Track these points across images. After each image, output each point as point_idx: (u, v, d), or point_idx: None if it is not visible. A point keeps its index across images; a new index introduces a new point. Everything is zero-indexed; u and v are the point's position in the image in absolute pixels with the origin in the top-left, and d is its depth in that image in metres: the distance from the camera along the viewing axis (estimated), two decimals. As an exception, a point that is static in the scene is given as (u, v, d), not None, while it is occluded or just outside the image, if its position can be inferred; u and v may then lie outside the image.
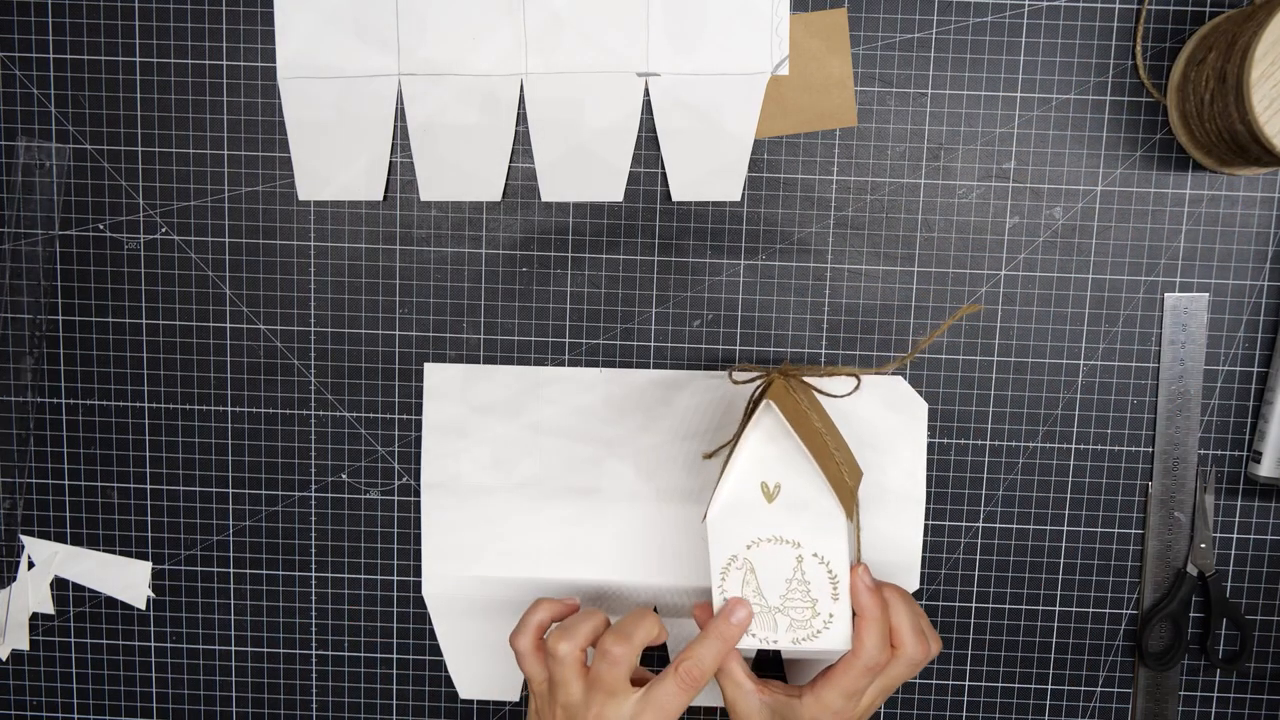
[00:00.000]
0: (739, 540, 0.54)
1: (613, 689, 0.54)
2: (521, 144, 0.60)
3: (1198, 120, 0.56)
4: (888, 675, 0.54)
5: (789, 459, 0.54)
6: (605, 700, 0.54)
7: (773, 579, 0.54)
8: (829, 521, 0.53)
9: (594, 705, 0.54)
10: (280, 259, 0.62)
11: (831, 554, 0.53)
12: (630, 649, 0.54)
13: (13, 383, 0.63)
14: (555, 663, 0.55)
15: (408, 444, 0.63)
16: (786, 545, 0.54)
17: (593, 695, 0.54)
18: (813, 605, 0.54)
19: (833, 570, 0.53)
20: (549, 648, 0.55)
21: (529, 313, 0.62)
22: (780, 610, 0.54)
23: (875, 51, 0.59)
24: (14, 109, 0.61)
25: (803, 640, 0.54)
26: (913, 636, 0.54)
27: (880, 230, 0.61)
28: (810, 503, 0.53)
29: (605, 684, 0.54)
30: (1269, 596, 0.63)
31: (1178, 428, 0.61)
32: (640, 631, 0.55)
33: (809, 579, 0.54)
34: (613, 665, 0.54)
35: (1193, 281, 0.60)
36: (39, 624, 0.65)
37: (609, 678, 0.54)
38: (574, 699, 0.55)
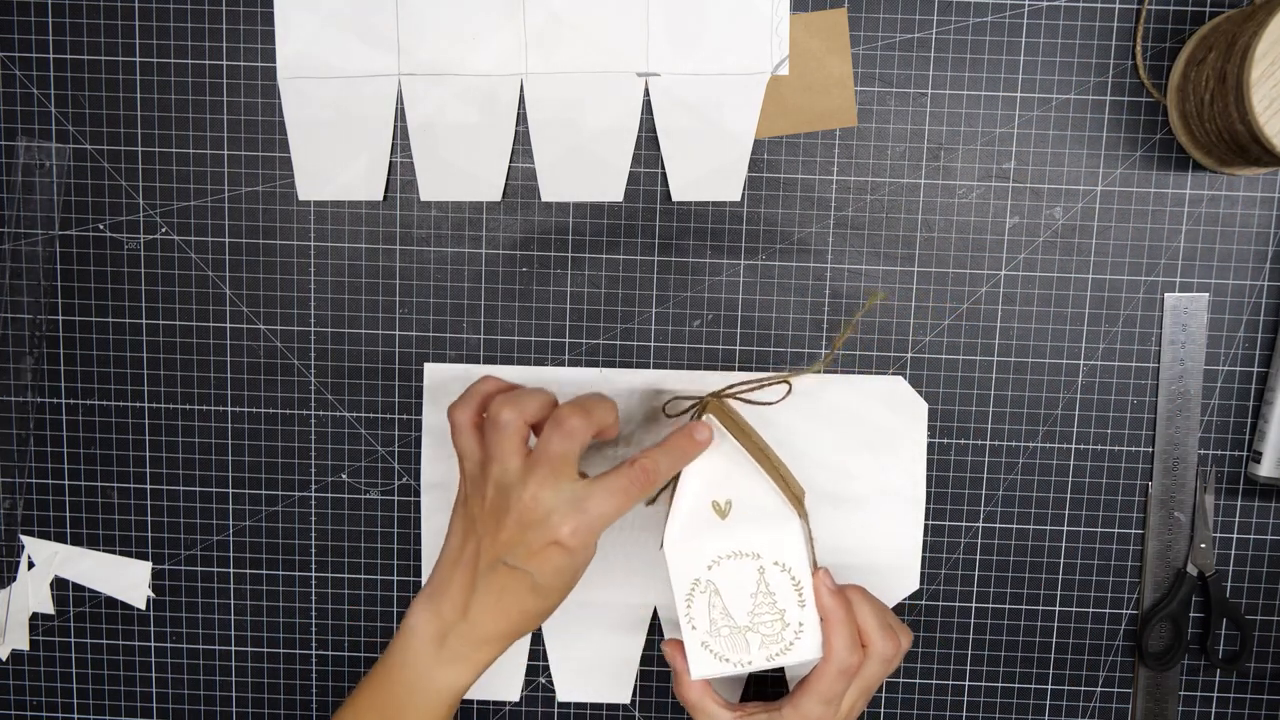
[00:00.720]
0: (699, 563, 0.54)
1: (557, 467, 0.49)
2: (521, 144, 0.60)
3: (1198, 120, 0.56)
4: (863, 676, 0.54)
5: (735, 474, 0.54)
6: (546, 479, 0.49)
7: (738, 596, 0.54)
8: (785, 526, 0.53)
9: (531, 483, 0.49)
10: (280, 259, 0.62)
11: (792, 559, 0.53)
12: (587, 423, 0.50)
13: (13, 383, 0.63)
14: (496, 431, 0.50)
15: (408, 444, 0.63)
16: (747, 558, 0.53)
17: (532, 472, 0.49)
18: (781, 616, 0.54)
19: (795, 576, 0.54)
20: (491, 414, 0.50)
21: (529, 313, 0.62)
22: (750, 628, 0.54)
23: (875, 51, 0.59)
24: (14, 109, 0.61)
25: (776, 656, 0.54)
26: (880, 633, 0.54)
27: (880, 230, 0.61)
28: (763, 511, 0.54)
29: (551, 459, 0.49)
30: (1269, 596, 0.63)
31: (1178, 428, 0.61)
32: (599, 410, 0.51)
33: (774, 590, 0.54)
34: (566, 437, 0.49)
35: (1193, 281, 0.60)
36: (39, 624, 0.65)
37: (557, 452, 0.49)
38: (510, 475, 0.49)
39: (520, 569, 0.50)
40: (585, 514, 0.49)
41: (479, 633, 0.52)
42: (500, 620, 0.51)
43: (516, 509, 0.49)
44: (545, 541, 0.49)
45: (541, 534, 0.49)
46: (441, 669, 0.52)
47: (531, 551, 0.50)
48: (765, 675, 0.64)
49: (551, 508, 0.49)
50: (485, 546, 0.51)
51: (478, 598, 0.51)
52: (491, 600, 0.51)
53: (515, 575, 0.50)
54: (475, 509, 0.51)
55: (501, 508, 0.50)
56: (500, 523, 0.50)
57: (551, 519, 0.49)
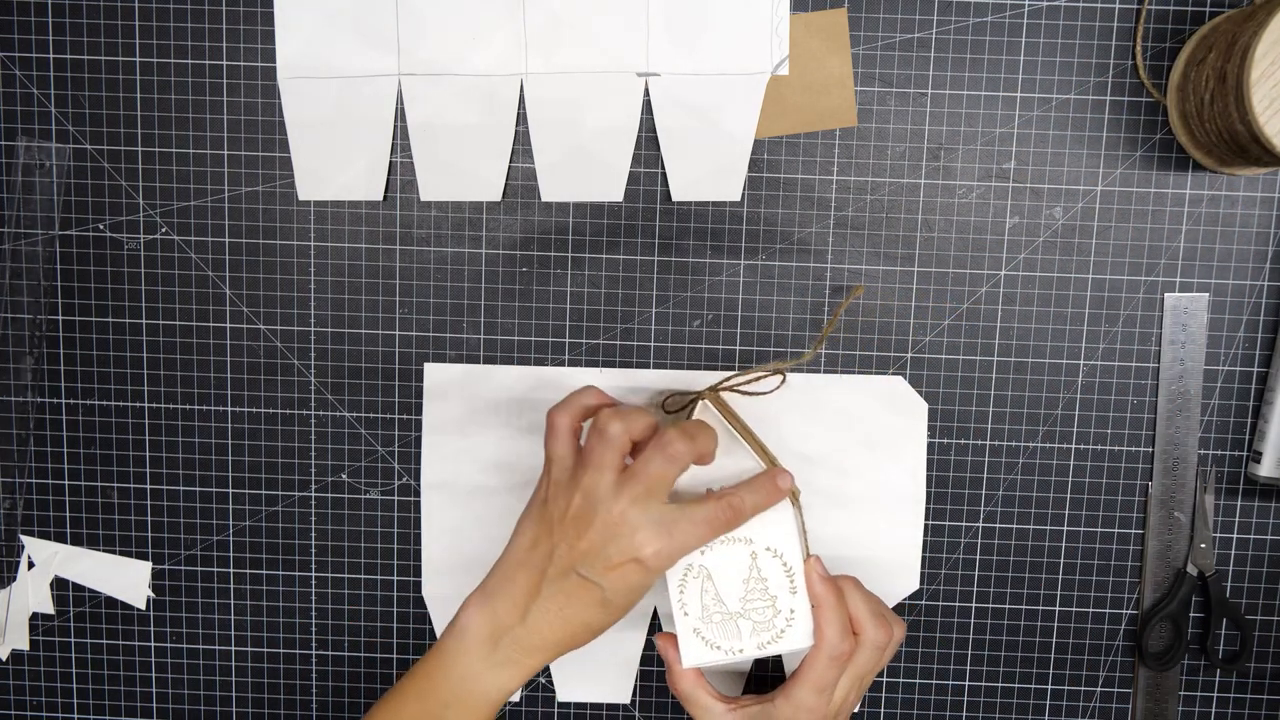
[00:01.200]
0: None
1: (653, 487, 0.50)
2: (521, 144, 0.60)
3: (1198, 120, 0.56)
4: (856, 665, 0.54)
5: (729, 462, 0.55)
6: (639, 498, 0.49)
7: (730, 582, 0.54)
8: (776, 512, 0.54)
9: (623, 499, 0.49)
10: (280, 259, 0.62)
11: (784, 545, 0.54)
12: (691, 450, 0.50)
13: (13, 383, 0.63)
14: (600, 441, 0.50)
15: (408, 444, 0.63)
16: (739, 544, 0.54)
17: (626, 488, 0.50)
18: (773, 603, 0.54)
19: (787, 563, 0.54)
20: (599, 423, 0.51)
21: (529, 313, 0.62)
22: (742, 615, 0.54)
23: (875, 51, 0.59)
24: (14, 109, 0.61)
25: (768, 644, 0.54)
26: (872, 620, 0.54)
27: (880, 230, 0.61)
28: None
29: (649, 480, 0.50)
30: (1269, 596, 0.63)
31: (1178, 428, 0.61)
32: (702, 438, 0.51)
33: (766, 575, 0.54)
34: (669, 461, 0.50)
35: (1193, 281, 0.60)
36: (39, 624, 0.65)
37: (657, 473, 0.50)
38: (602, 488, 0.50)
39: (593, 581, 0.50)
40: (671, 539, 0.50)
41: (534, 639, 0.51)
42: (559, 629, 0.51)
43: (603, 521, 0.50)
44: (626, 558, 0.49)
45: (624, 550, 0.49)
46: (491, 672, 0.52)
47: (609, 565, 0.50)
48: (765, 675, 0.64)
49: (638, 525, 0.49)
50: (560, 553, 0.50)
51: (541, 603, 0.51)
52: (555, 608, 0.51)
53: (586, 586, 0.50)
54: (555, 513, 0.51)
55: (586, 518, 0.50)
56: (582, 532, 0.50)
57: (637, 537, 0.49)
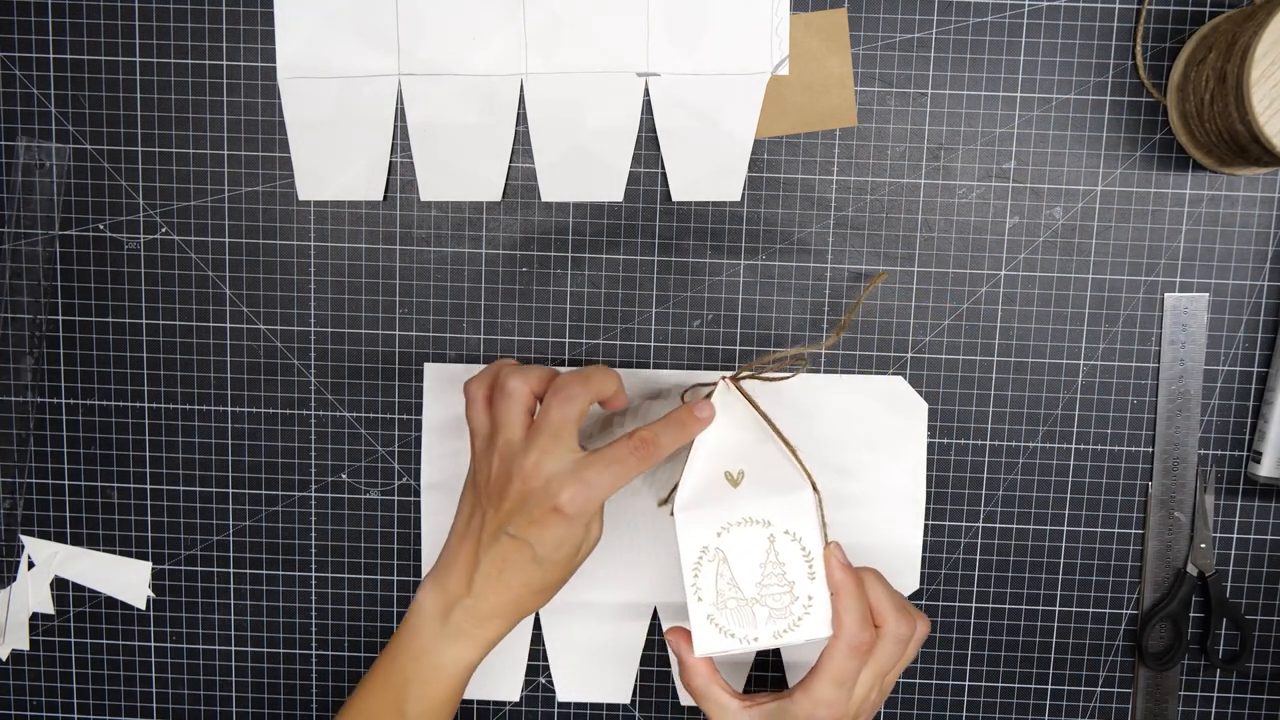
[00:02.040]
0: (709, 529, 0.53)
1: (557, 431, 0.50)
2: (521, 144, 0.60)
3: (1198, 120, 0.56)
4: (878, 659, 0.52)
5: (749, 444, 0.53)
6: (548, 445, 0.50)
7: (747, 566, 0.52)
8: (796, 496, 0.52)
9: (534, 451, 0.50)
10: (280, 259, 0.62)
11: (803, 530, 0.52)
12: (585, 390, 0.51)
13: (13, 383, 0.63)
14: (503, 398, 0.51)
15: (408, 444, 0.63)
16: (757, 526, 0.52)
17: (534, 439, 0.50)
18: (790, 588, 0.52)
19: (805, 547, 0.52)
20: (499, 383, 0.51)
21: (529, 313, 0.62)
22: (758, 600, 0.52)
23: (875, 51, 0.59)
24: (14, 109, 0.61)
25: (784, 632, 0.52)
26: (895, 612, 0.52)
27: (880, 230, 0.61)
28: (776, 480, 0.53)
29: (551, 424, 0.50)
30: (1269, 596, 0.63)
31: (1178, 428, 0.61)
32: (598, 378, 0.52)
33: (783, 560, 0.52)
34: (565, 402, 0.50)
35: (1193, 281, 0.60)
36: (39, 624, 0.65)
37: (557, 417, 0.50)
38: (514, 443, 0.51)
39: (521, 538, 0.51)
40: (584, 482, 0.50)
41: (483, 607, 0.52)
42: (503, 593, 0.52)
43: (519, 477, 0.50)
44: (545, 509, 0.50)
45: (541, 501, 0.50)
46: (447, 644, 0.53)
47: (532, 520, 0.50)
48: (765, 675, 0.64)
49: (550, 474, 0.50)
50: (489, 518, 0.51)
51: (481, 570, 0.52)
52: (494, 572, 0.51)
53: (517, 545, 0.51)
54: (481, 481, 0.52)
55: (505, 477, 0.51)
56: (504, 493, 0.51)
57: (550, 485, 0.50)
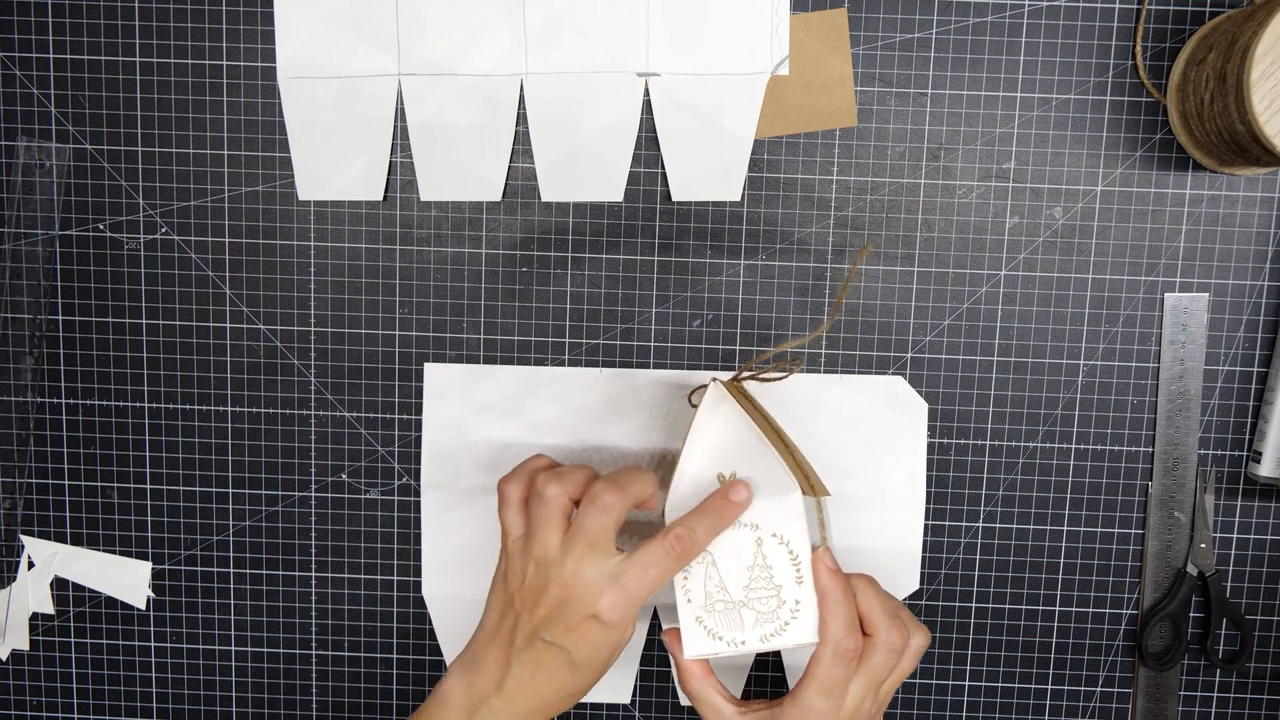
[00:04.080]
0: None
1: (595, 541, 0.50)
2: (521, 144, 0.60)
3: (1198, 120, 0.56)
4: (869, 667, 0.51)
5: (742, 449, 0.53)
6: (584, 554, 0.49)
7: (735, 569, 0.52)
8: (785, 499, 0.52)
9: (570, 559, 0.49)
10: (280, 259, 0.62)
11: (791, 533, 0.52)
12: (622, 498, 0.50)
13: (13, 383, 0.63)
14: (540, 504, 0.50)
15: (408, 444, 0.63)
16: (745, 528, 0.52)
17: (571, 547, 0.50)
18: (777, 593, 0.52)
19: (794, 551, 0.52)
20: (536, 488, 0.51)
21: (529, 313, 0.62)
22: (745, 604, 0.52)
23: (875, 51, 0.59)
24: (14, 109, 0.61)
25: (771, 636, 0.52)
26: (886, 620, 0.51)
27: (880, 230, 0.61)
28: (766, 483, 0.52)
29: (588, 534, 0.50)
30: (1269, 596, 0.63)
31: (1178, 428, 0.61)
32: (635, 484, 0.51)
33: (771, 563, 0.52)
34: (602, 512, 0.50)
35: (1193, 281, 0.60)
36: (39, 624, 0.65)
37: (594, 527, 0.50)
38: (550, 550, 0.50)
39: (557, 644, 0.50)
40: (623, 589, 0.49)
41: (513, 709, 0.51)
42: (534, 697, 0.51)
43: (556, 584, 0.50)
44: (583, 616, 0.49)
45: (579, 608, 0.49)
46: None
47: (569, 626, 0.50)
48: (765, 674, 0.64)
49: (589, 581, 0.49)
50: (523, 622, 0.51)
51: (513, 674, 0.51)
52: (527, 676, 0.51)
53: (552, 651, 0.50)
54: (514, 584, 0.51)
55: (541, 583, 0.50)
56: (539, 599, 0.50)
57: (589, 593, 0.49)
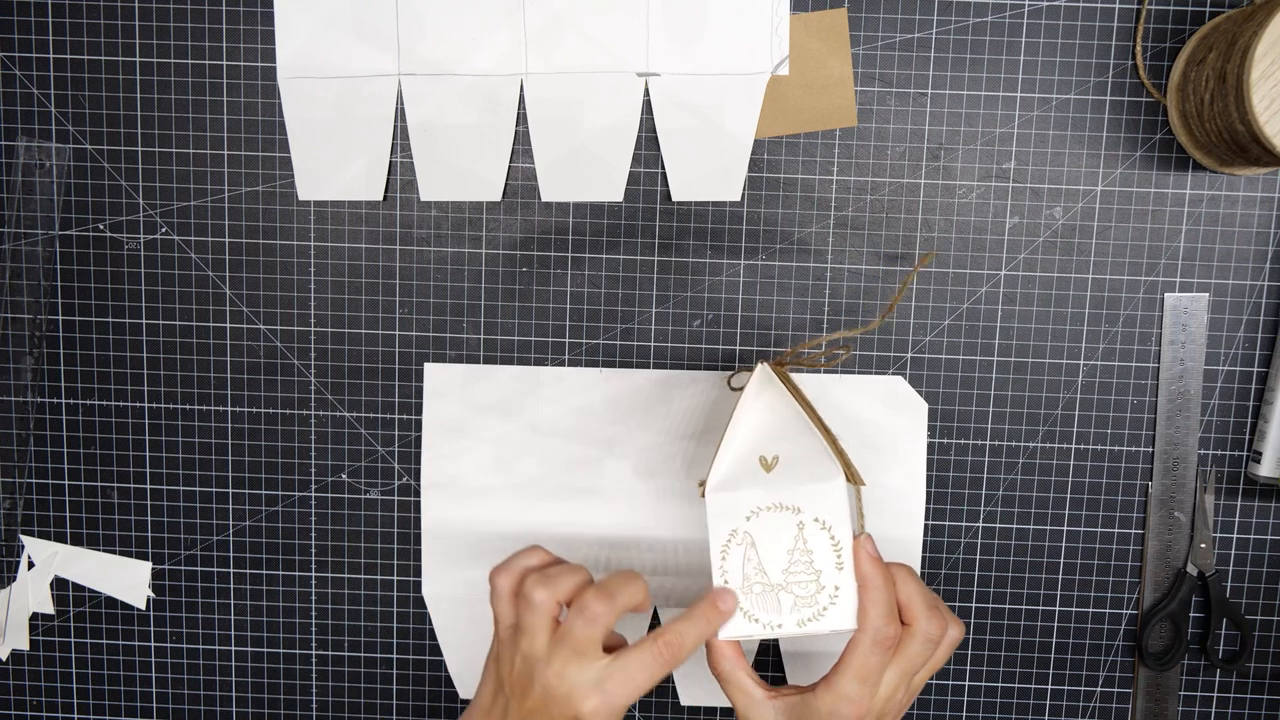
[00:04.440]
0: (738, 512, 0.52)
1: (581, 648, 0.50)
2: (521, 144, 0.60)
3: (1198, 120, 0.56)
4: (905, 656, 0.51)
5: (784, 429, 0.53)
6: (570, 659, 0.50)
7: (774, 552, 0.52)
8: (828, 483, 0.51)
9: (556, 661, 0.50)
10: (280, 259, 0.62)
11: (833, 518, 0.51)
12: (611, 609, 0.51)
13: (13, 383, 0.63)
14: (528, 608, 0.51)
15: (408, 444, 0.63)
16: (787, 512, 0.52)
17: (557, 651, 0.51)
18: (817, 577, 0.51)
19: (835, 536, 0.51)
20: (524, 591, 0.52)
21: (529, 313, 0.62)
22: (783, 587, 0.52)
23: (875, 51, 0.59)
24: (14, 109, 0.61)
25: (808, 621, 0.51)
26: (926, 611, 0.51)
27: (880, 230, 0.61)
28: (809, 466, 0.52)
29: (575, 641, 0.50)
30: (1269, 596, 0.63)
31: (1178, 428, 0.61)
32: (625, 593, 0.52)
33: (811, 547, 0.51)
34: (589, 623, 0.50)
35: (1193, 281, 0.60)
36: (39, 624, 0.65)
37: (581, 636, 0.50)
38: (537, 651, 0.51)
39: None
40: (606, 695, 0.50)
41: None
42: None
43: (541, 682, 0.51)
44: (567, 716, 0.50)
45: (565, 709, 0.50)
46: None
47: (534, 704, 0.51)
48: (762, 658, 0.64)
49: (574, 685, 0.50)
50: (512, 708, 0.52)
51: None
52: None
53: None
54: (505, 670, 0.53)
55: (527, 678, 0.51)
56: (526, 692, 0.51)
57: (574, 695, 0.50)
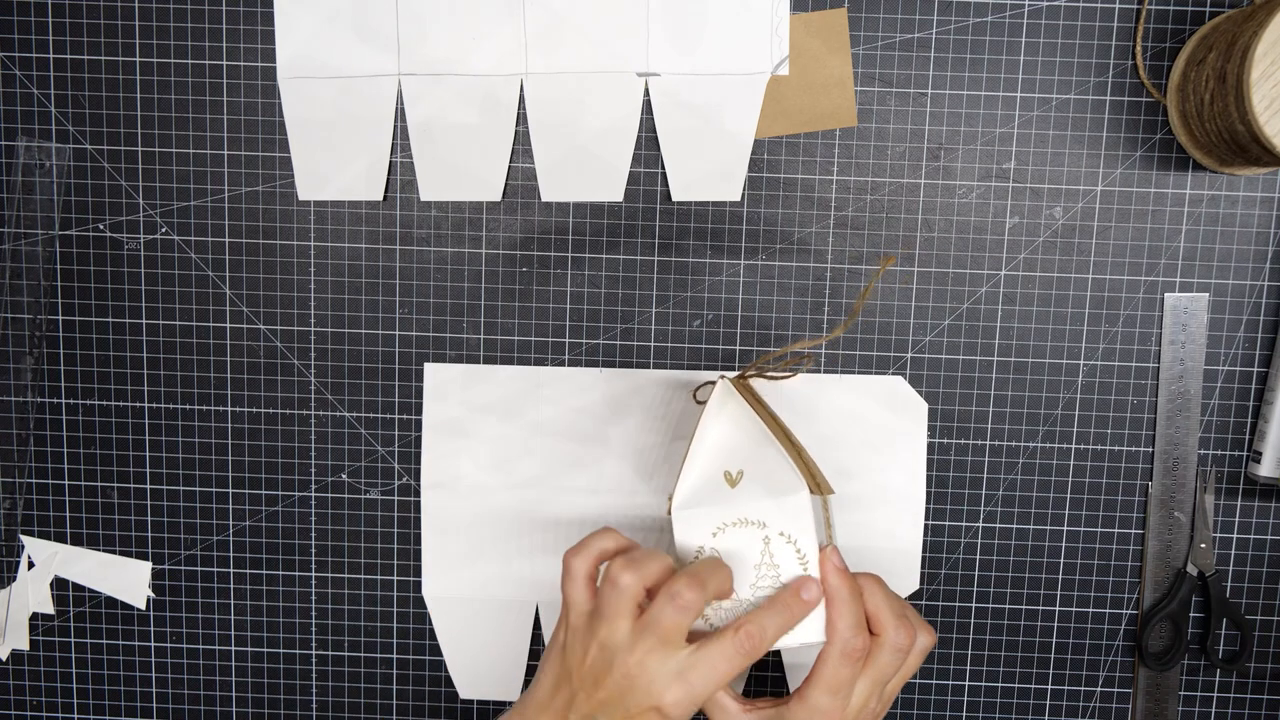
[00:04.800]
0: (704, 529, 0.52)
1: (669, 637, 0.49)
2: (521, 144, 0.60)
3: (1198, 120, 0.56)
4: (875, 666, 0.51)
5: (750, 446, 0.53)
6: (654, 647, 0.49)
7: (741, 567, 0.52)
8: (793, 498, 0.51)
9: (639, 650, 0.49)
10: (280, 259, 0.62)
11: (798, 532, 0.51)
12: (702, 596, 0.49)
13: (13, 383, 0.63)
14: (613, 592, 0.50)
15: (408, 444, 0.63)
16: (752, 527, 0.52)
17: (641, 639, 0.49)
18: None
19: (801, 550, 0.52)
20: (610, 575, 0.50)
21: (529, 313, 0.62)
22: (751, 602, 0.52)
23: (875, 51, 0.59)
24: (14, 109, 0.61)
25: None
26: (894, 620, 0.51)
27: (880, 230, 0.61)
28: (773, 480, 0.52)
29: (662, 630, 0.49)
30: (1269, 596, 0.63)
31: (1178, 428, 0.61)
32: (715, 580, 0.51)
33: (778, 561, 0.52)
34: (680, 611, 0.49)
35: (1193, 281, 0.60)
36: (39, 624, 0.65)
37: (670, 624, 0.49)
38: (619, 638, 0.49)
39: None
40: (689, 685, 0.49)
41: None
42: None
43: (620, 670, 0.49)
44: (645, 707, 0.49)
45: (642, 700, 0.49)
46: None
47: (629, 715, 0.49)
48: (762, 666, 0.64)
49: (655, 675, 0.49)
50: (580, 701, 0.50)
51: None
52: None
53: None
54: (574, 660, 0.51)
55: (604, 667, 0.50)
56: (600, 681, 0.50)
57: (655, 686, 0.49)
